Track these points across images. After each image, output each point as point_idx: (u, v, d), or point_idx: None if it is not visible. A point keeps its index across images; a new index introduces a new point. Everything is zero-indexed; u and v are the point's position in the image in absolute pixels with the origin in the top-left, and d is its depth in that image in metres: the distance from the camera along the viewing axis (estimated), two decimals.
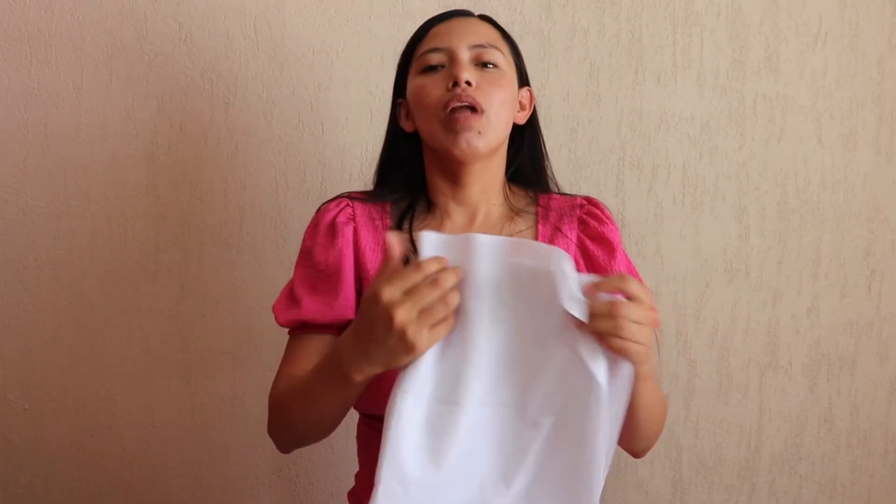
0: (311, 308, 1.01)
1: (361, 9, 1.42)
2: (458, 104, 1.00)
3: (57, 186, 1.42)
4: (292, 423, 0.98)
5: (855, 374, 1.54)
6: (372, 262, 1.05)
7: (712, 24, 1.45)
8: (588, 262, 1.08)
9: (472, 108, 1.01)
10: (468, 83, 1.01)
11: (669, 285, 1.50)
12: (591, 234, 1.09)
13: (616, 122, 1.46)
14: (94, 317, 1.44)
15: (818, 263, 1.51)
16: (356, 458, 1.14)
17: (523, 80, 1.12)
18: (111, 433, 1.47)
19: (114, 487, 1.48)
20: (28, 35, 1.38)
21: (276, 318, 1.03)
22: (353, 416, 1.09)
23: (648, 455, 1.09)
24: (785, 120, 1.48)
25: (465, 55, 1.04)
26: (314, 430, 0.99)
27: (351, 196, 1.10)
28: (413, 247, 1.01)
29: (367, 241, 1.06)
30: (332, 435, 1.00)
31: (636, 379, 0.84)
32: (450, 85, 1.02)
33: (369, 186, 1.15)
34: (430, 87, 1.04)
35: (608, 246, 1.08)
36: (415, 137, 1.10)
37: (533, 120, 1.15)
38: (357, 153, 1.44)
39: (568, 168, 1.45)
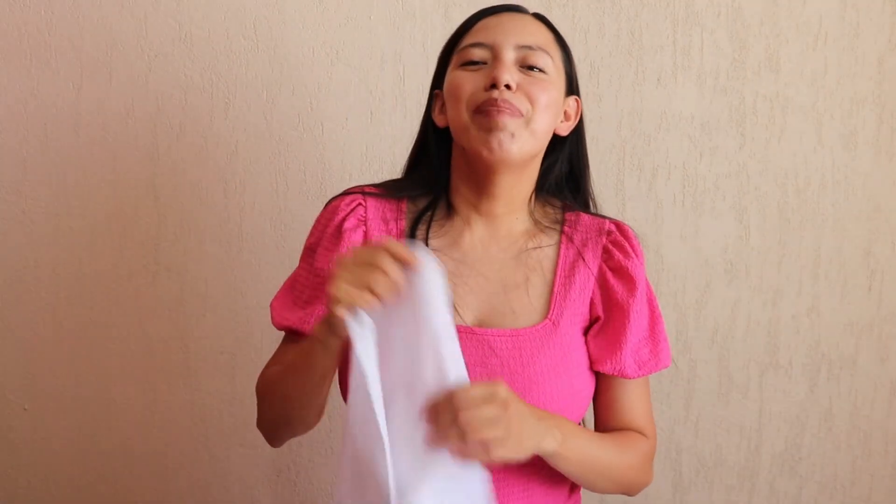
0: (303, 318, 1.01)
1: (361, 9, 1.42)
2: (494, 109, 0.94)
3: (57, 186, 1.42)
4: (277, 400, 0.99)
5: (855, 375, 1.54)
6: None
7: (712, 24, 1.45)
8: (605, 297, 1.03)
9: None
10: (507, 86, 0.95)
11: (669, 285, 1.50)
12: (613, 265, 1.04)
13: (616, 122, 1.46)
14: (94, 317, 1.44)
15: (818, 263, 1.51)
16: None
17: (572, 89, 1.06)
18: (111, 433, 1.47)
19: (114, 487, 1.48)
20: (28, 35, 1.38)
21: (272, 316, 1.03)
22: None
23: None
24: (785, 120, 1.48)
25: (509, 55, 0.97)
26: (295, 407, 0.98)
27: (364, 192, 1.05)
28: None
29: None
30: (332, 436, 1.00)
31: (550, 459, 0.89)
32: (488, 85, 0.96)
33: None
34: (466, 84, 0.97)
35: (629, 282, 1.03)
36: (447, 133, 1.04)
37: (579, 132, 1.08)
38: (357, 153, 1.44)
39: None
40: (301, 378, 0.93)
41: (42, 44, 1.39)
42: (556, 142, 1.05)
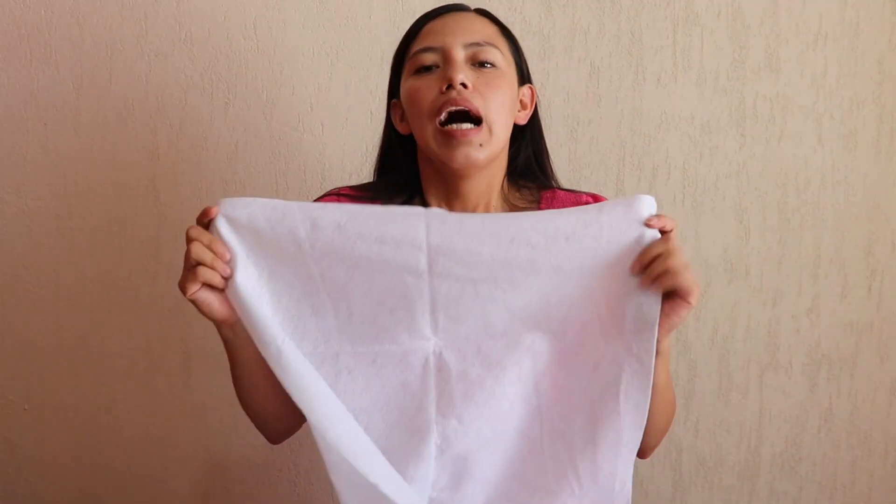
0: None
1: (361, 9, 1.42)
2: (454, 108, 0.97)
3: (57, 186, 1.42)
4: (242, 399, 1.03)
5: (855, 375, 1.54)
6: None
7: (712, 24, 1.45)
8: None
9: (469, 116, 0.97)
10: (464, 85, 0.97)
11: None
12: None
13: (616, 122, 1.46)
14: (94, 317, 1.44)
15: (818, 263, 1.51)
16: None
17: (524, 78, 1.09)
18: (111, 433, 1.47)
19: (114, 487, 1.48)
20: (28, 35, 1.39)
21: None
22: None
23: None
24: (785, 120, 1.48)
25: (459, 54, 1.00)
26: (255, 408, 1.02)
27: (340, 193, 1.08)
28: None
29: None
30: None
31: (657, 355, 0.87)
32: (444, 87, 0.98)
33: None
34: (423, 90, 1.00)
35: None
36: (410, 139, 1.07)
37: (535, 118, 1.11)
38: (357, 153, 1.44)
39: (568, 168, 1.45)
40: (235, 374, 0.98)
41: (42, 44, 1.39)
42: (517, 130, 1.08)
